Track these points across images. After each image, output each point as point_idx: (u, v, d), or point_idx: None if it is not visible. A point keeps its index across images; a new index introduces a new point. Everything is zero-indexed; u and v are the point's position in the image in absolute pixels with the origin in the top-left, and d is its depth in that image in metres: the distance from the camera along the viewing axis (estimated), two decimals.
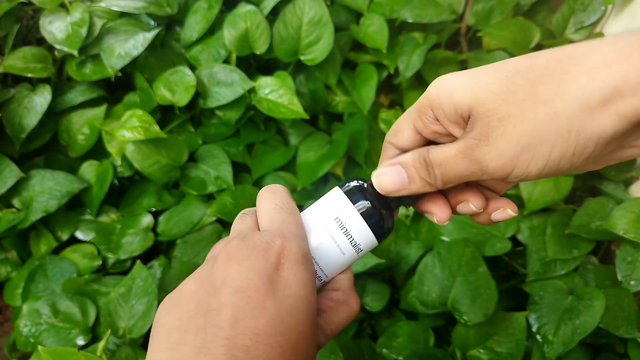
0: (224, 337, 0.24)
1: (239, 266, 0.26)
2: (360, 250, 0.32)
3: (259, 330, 0.25)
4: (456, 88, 0.28)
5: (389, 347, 0.71)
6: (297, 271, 0.27)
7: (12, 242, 0.86)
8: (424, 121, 0.31)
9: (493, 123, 0.26)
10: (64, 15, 0.84)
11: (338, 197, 0.32)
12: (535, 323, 0.69)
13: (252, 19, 0.87)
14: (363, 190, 0.32)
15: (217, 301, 0.26)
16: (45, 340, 0.71)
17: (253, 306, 0.25)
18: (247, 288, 0.26)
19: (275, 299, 0.26)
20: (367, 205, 0.31)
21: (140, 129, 0.79)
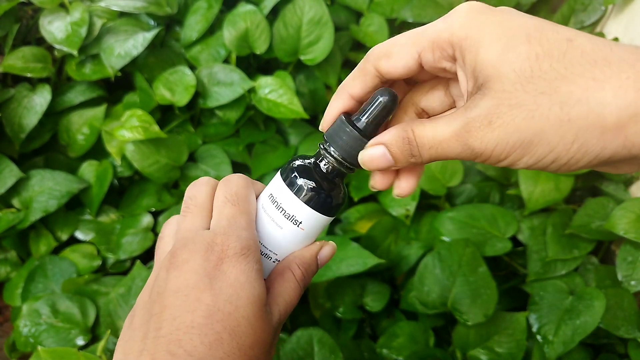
0: (162, 337, 0.26)
1: (179, 271, 0.28)
2: (299, 222, 0.31)
3: (193, 322, 0.26)
4: (486, 42, 0.25)
5: (389, 347, 0.71)
6: (236, 262, 0.28)
7: (11, 242, 0.86)
8: (435, 55, 0.27)
9: (502, 109, 0.24)
10: (64, 15, 0.84)
11: (276, 175, 0.32)
12: (536, 323, 0.69)
13: (252, 18, 0.87)
14: (298, 165, 0.31)
15: (158, 306, 0.27)
16: (45, 341, 0.71)
17: (189, 302, 0.26)
18: (184, 287, 0.27)
19: (212, 291, 0.27)
20: (295, 177, 0.31)
21: (140, 129, 0.79)
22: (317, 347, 0.66)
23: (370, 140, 0.29)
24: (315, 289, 0.79)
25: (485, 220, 0.77)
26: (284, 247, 0.32)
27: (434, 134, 0.26)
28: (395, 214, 0.81)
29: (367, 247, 0.74)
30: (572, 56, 0.23)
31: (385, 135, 0.28)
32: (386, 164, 0.29)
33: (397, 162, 0.28)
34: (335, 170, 0.31)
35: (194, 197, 0.32)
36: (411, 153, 0.28)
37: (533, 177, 0.77)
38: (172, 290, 0.27)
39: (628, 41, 0.84)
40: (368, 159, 0.29)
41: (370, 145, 0.29)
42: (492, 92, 0.24)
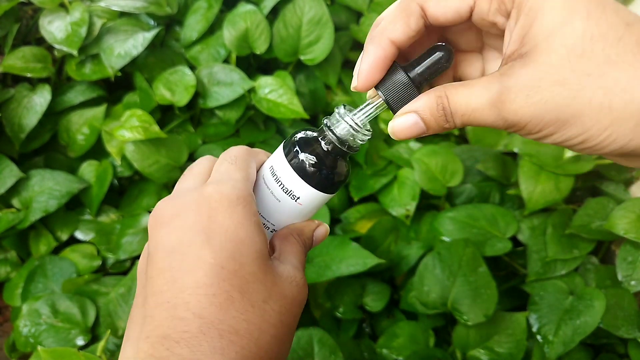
0: (165, 302, 0.24)
1: (168, 227, 0.26)
2: (297, 198, 0.31)
3: (198, 283, 0.24)
4: (547, 8, 0.23)
5: (389, 347, 0.71)
6: (232, 213, 0.26)
7: (11, 242, 0.86)
8: (492, 6, 0.25)
9: (543, 83, 0.23)
10: (64, 15, 0.84)
11: (279, 147, 0.32)
12: (536, 323, 0.69)
13: (252, 18, 0.87)
14: (300, 137, 0.31)
15: (153, 269, 0.26)
16: (44, 341, 0.71)
17: (188, 262, 0.25)
18: (179, 246, 0.25)
19: (211, 247, 0.25)
20: (297, 153, 0.30)
21: (140, 129, 0.79)
22: (317, 347, 0.66)
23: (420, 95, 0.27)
24: (315, 289, 0.79)
25: (485, 220, 0.77)
26: (281, 219, 0.32)
27: (467, 101, 0.25)
28: (395, 214, 0.81)
29: (367, 247, 0.74)
30: (626, 42, 0.22)
31: (417, 102, 0.27)
32: (418, 132, 0.27)
33: (429, 130, 0.27)
34: (340, 146, 0.30)
35: (192, 167, 0.31)
36: (445, 119, 0.26)
37: (533, 177, 0.77)
38: (166, 250, 0.26)
39: None
40: (399, 128, 0.28)
41: (400, 114, 0.28)
42: (536, 63, 0.23)
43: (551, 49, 0.23)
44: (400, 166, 0.85)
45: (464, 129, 0.92)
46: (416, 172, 0.81)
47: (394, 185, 0.84)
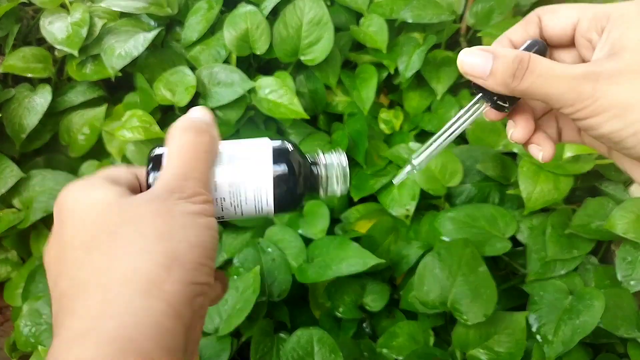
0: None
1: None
2: (262, 207, 0.31)
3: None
4: (636, 23, 0.28)
5: (389, 347, 0.71)
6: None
7: (12, 242, 0.86)
8: (591, 24, 0.30)
9: (625, 71, 0.26)
10: (65, 16, 0.84)
11: (265, 147, 0.32)
12: (535, 323, 0.69)
13: (252, 19, 0.87)
14: (289, 154, 0.31)
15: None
16: (45, 340, 0.71)
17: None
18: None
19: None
20: (284, 169, 0.30)
21: (140, 129, 0.79)
22: (317, 346, 0.66)
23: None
24: (315, 289, 0.79)
25: (485, 220, 0.78)
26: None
27: (550, 66, 0.28)
28: (395, 214, 0.82)
29: (367, 247, 0.74)
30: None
31: (502, 49, 0.29)
32: (480, 73, 0.29)
33: (492, 75, 0.29)
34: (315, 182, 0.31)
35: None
36: (513, 74, 0.28)
37: (532, 177, 0.77)
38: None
39: None
40: (468, 59, 0.30)
41: (479, 49, 0.30)
42: (621, 58, 0.27)
43: (636, 50, 0.27)
44: (400, 166, 0.86)
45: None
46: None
47: (394, 185, 0.84)
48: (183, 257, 0.24)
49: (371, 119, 0.94)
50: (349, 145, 0.85)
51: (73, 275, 0.24)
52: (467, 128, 0.32)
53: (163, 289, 0.23)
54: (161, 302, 0.23)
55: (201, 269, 0.25)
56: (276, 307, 0.76)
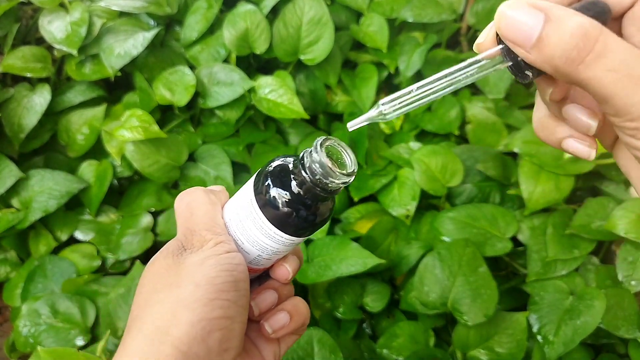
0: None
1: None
2: (277, 241, 0.29)
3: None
4: None
5: (389, 348, 0.71)
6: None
7: (11, 242, 0.85)
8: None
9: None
10: (64, 15, 0.84)
11: (250, 182, 0.31)
12: (536, 323, 0.69)
13: (252, 18, 0.87)
14: (275, 167, 0.29)
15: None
16: (44, 341, 0.70)
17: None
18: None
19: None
20: (268, 187, 0.28)
21: (139, 129, 0.79)
22: (317, 347, 0.66)
23: None
24: (315, 289, 0.79)
25: (486, 220, 0.77)
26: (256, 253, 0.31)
27: (633, 59, 0.19)
28: (395, 214, 0.81)
29: (367, 247, 0.74)
30: None
31: (560, 10, 0.20)
32: (522, 38, 0.20)
33: (537, 48, 0.20)
34: (314, 188, 0.27)
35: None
36: (571, 54, 0.19)
37: (533, 177, 0.77)
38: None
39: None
40: (511, 17, 0.20)
41: (525, 3, 0.20)
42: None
43: None
44: (400, 166, 0.85)
45: (463, 128, 0.92)
46: (416, 172, 0.81)
47: (394, 185, 0.84)
48: (188, 298, 0.26)
49: None
50: (349, 145, 0.85)
51: (130, 316, 0.28)
52: (467, 128, 0.29)
53: (170, 333, 0.25)
54: (168, 347, 0.25)
55: (211, 304, 0.26)
56: None
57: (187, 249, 0.29)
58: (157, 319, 0.26)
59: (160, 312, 0.26)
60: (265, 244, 0.30)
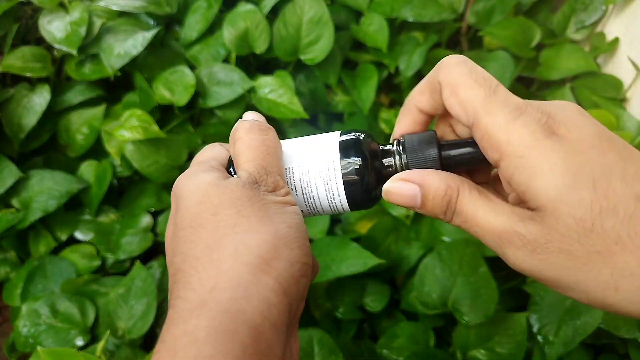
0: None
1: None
2: (335, 206, 0.30)
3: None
4: (544, 171, 0.22)
5: (389, 348, 0.71)
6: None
7: (11, 242, 0.85)
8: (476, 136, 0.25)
9: (550, 247, 0.22)
10: (63, 15, 0.84)
11: (332, 143, 0.30)
12: (536, 323, 0.69)
13: (252, 18, 0.86)
14: (358, 147, 0.29)
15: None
16: (44, 341, 0.70)
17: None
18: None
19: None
20: (352, 165, 0.29)
21: (139, 129, 0.79)
22: (317, 347, 0.66)
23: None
24: (315, 290, 0.79)
25: None
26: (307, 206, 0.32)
27: (474, 214, 0.25)
28: (395, 214, 0.81)
29: (367, 247, 0.73)
30: (637, 222, 0.21)
31: (428, 177, 0.26)
32: (410, 206, 0.27)
33: (422, 210, 0.27)
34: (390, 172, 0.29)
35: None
36: (444, 212, 0.26)
37: None
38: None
39: (628, 41, 0.84)
40: (395, 192, 0.27)
41: (404, 178, 0.27)
42: (544, 225, 0.22)
43: (558, 216, 0.22)
44: None
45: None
46: None
47: None
48: (287, 237, 0.25)
49: (371, 119, 0.93)
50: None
51: (185, 251, 0.25)
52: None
53: (272, 265, 0.24)
54: (270, 278, 0.24)
55: (304, 249, 0.26)
56: None
57: (261, 186, 0.27)
58: (257, 246, 0.24)
59: (259, 241, 0.24)
60: (317, 206, 0.30)
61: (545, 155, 0.22)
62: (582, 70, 0.84)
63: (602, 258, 0.21)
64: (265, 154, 0.29)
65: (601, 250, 0.21)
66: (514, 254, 0.24)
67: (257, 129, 0.31)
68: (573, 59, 0.85)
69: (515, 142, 0.23)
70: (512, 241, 0.24)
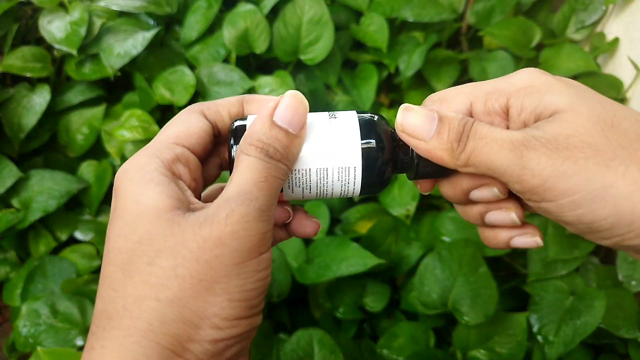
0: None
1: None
2: (348, 188, 0.29)
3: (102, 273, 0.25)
4: (554, 90, 0.23)
5: (389, 348, 0.71)
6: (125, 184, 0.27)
7: (11, 242, 0.85)
8: (487, 105, 0.26)
9: (574, 141, 0.21)
10: (63, 15, 0.84)
11: (351, 120, 0.28)
12: (536, 323, 0.69)
13: (252, 18, 0.86)
14: (377, 129, 0.28)
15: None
16: (44, 341, 0.70)
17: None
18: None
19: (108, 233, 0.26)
20: (371, 146, 0.27)
21: (139, 129, 0.79)
22: (317, 347, 0.66)
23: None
24: (315, 290, 0.79)
25: None
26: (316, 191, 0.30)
27: (489, 131, 0.24)
28: (395, 214, 0.81)
29: (367, 247, 0.73)
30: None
31: (446, 111, 0.26)
32: (423, 135, 0.25)
33: (436, 139, 0.25)
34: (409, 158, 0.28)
35: None
36: (459, 138, 0.24)
37: None
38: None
39: (628, 41, 0.84)
40: (411, 119, 0.26)
41: (419, 108, 0.26)
42: (564, 122, 0.22)
43: (578, 112, 0.21)
44: None
45: None
46: None
47: (394, 185, 0.84)
48: (219, 314, 0.22)
49: None
50: None
51: (107, 299, 0.22)
52: None
53: (187, 348, 0.21)
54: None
55: (238, 323, 0.22)
56: (276, 308, 0.76)
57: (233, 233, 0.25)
58: (176, 326, 0.23)
59: (181, 317, 0.23)
60: (328, 192, 0.28)
61: (551, 84, 0.23)
62: (582, 70, 0.84)
63: (628, 153, 0.20)
64: (260, 194, 0.23)
65: (626, 146, 0.21)
66: (535, 158, 0.22)
67: (266, 151, 0.24)
68: (573, 59, 0.85)
69: (528, 82, 0.24)
70: (530, 145, 0.22)
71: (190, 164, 0.26)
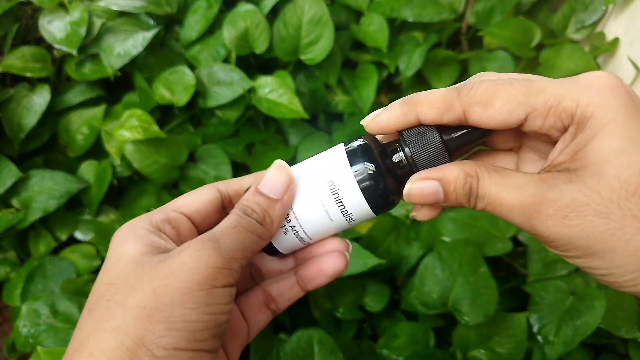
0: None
1: None
2: (352, 220, 0.30)
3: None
4: (608, 131, 0.22)
5: (389, 348, 0.71)
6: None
7: (11, 242, 0.85)
8: (548, 122, 0.24)
9: (585, 209, 0.22)
10: (63, 15, 0.84)
11: (338, 156, 0.29)
12: (536, 323, 0.69)
13: (252, 18, 0.86)
14: (368, 153, 0.28)
15: None
16: (44, 341, 0.70)
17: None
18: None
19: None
20: (367, 171, 0.28)
21: (139, 129, 0.79)
22: (317, 347, 0.66)
23: (446, 160, 0.26)
24: (315, 290, 0.79)
25: (486, 220, 0.77)
26: (322, 235, 0.32)
27: (497, 193, 0.24)
28: (395, 214, 0.81)
29: (368, 247, 0.73)
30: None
31: (445, 171, 0.26)
32: (434, 202, 0.26)
33: (447, 203, 0.26)
34: (405, 169, 0.28)
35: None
36: (467, 199, 0.25)
37: None
38: None
39: (628, 41, 0.84)
40: (417, 192, 0.26)
41: (423, 177, 0.26)
42: (583, 186, 0.22)
43: (603, 176, 0.22)
44: None
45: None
46: None
47: None
48: (156, 342, 0.22)
49: None
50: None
51: (74, 335, 0.24)
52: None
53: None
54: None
55: (176, 354, 0.22)
56: None
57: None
58: (113, 356, 0.24)
59: (118, 347, 0.24)
60: (328, 224, 0.30)
61: (615, 115, 0.22)
62: (582, 70, 0.84)
63: (638, 222, 0.21)
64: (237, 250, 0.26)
65: (638, 215, 0.21)
66: (543, 223, 0.23)
67: (249, 223, 0.27)
68: (573, 59, 0.85)
69: (594, 110, 0.22)
70: (541, 211, 0.23)
71: (179, 225, 0.29)
